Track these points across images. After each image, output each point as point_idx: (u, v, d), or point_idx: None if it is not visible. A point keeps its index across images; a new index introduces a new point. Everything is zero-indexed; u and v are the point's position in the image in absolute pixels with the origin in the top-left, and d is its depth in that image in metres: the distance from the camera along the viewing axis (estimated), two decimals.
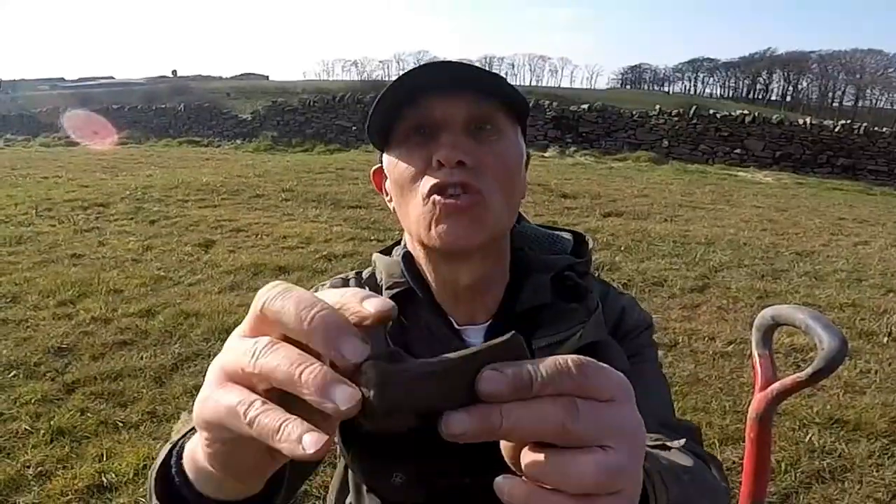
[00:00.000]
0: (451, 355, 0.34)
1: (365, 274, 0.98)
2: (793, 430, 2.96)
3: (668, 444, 0.77)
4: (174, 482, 0.50)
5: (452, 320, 0.88)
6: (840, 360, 1.04)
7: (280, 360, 0.34)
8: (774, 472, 2.64)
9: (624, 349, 0.89)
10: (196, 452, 0.44)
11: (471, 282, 0.85)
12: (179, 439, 0.53)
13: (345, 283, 0.95)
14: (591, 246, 0.97)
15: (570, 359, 0.35)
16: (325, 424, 0.35)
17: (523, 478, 0.36)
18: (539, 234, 0.96)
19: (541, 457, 0.35)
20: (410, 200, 0.79)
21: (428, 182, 0.76)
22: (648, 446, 0.70)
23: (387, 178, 0.86)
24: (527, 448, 0.36)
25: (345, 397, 0.32)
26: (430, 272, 0.87)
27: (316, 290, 0.96)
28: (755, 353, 1.25)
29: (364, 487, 0.92)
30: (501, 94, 0.79)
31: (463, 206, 0.75)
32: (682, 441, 0.78)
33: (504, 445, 0.38)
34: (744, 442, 1.29)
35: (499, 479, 0.36)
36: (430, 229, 0.77)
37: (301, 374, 0.33)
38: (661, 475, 0.53)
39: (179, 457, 0.50)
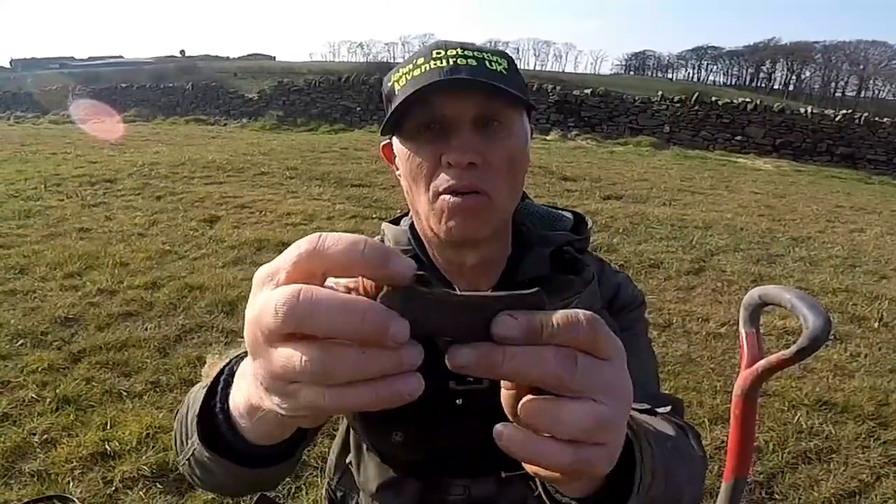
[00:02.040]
0: (476, 293, 0.35)
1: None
2: (781, 411, 2.98)
3: (656, 409, 0.79)
4: (217, 425, 0.53)
5: (456, 287, 0.89)
6: (824, 338, 1.05)
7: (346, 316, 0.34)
8: (762, 452, 2.66)
9: (616, 323, 0.90)
10: (252, 402, 0.44)
11: (476, 263, 0.87)
12: (219, 384, 0.55)
13: None
14: (589, 226, 0.99)
15: (581, 314, 0.37)
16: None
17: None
18: (541, 211, 0.99)
19: (537, 403, 0.37)
20: (421, 193, 0.82)
21: (441, 183, 0.78)
22: (636, 410, 0.74)
23: (396, 155, 0.87)
24: (525, 398, 0.38)
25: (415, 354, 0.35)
26: (434, 250, 0.90)
27: None
28: (742, 330, 1.25)
29: (365, 446, 0.94)
30: (507, 94, 0.79)
31: (471, 205, 0.78)
32: (668, 408, 0.81)
33: (504, 395, 0.41)
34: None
35: (498, 425, 0.39)
36: (439, 223, 0.80)
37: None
38: (647, 438, 0.54)
39: (223, 401, 0.52)
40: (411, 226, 0.93)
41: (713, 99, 15.13)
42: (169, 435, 2.58)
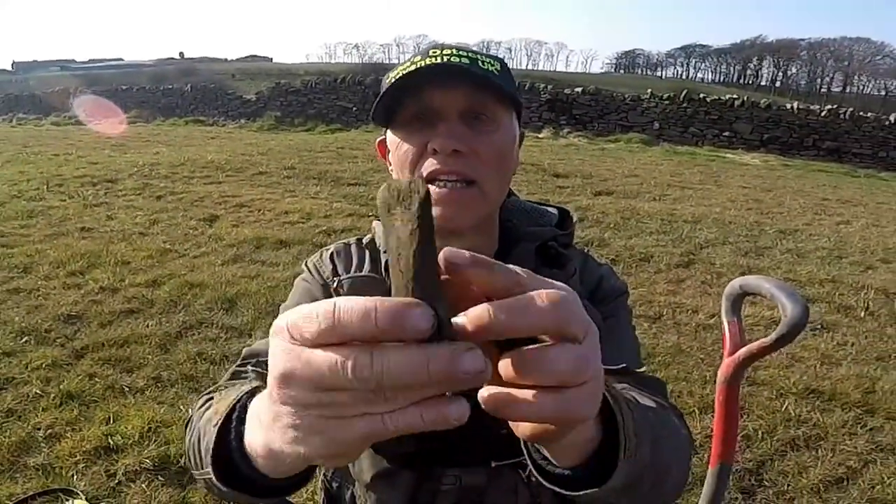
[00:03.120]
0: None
1: (365, 240, 1.01)
2: (770, 399, 2.99)
3: (634, 371, 0.82)
4: (234, 462, 0.52)
5: None
6: (802, 325, 1.06)
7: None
8: (751, 440, 2.68)
9: (600, 312, 0.91)
10: (274, 448, 0.41)
11: None
12: (232, 422, 0.55)
13: (346, 248, 0.99)
14: (574, 220, 1.01)
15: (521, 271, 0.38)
16: None
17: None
18: (527, 207, 0.99)
19: (518, 355, 0.38)
20: None
21: (425, 168, 0.80)
22: (611, 370, 0.76)
23: (389, 150, 0.89)
24: (503, 358, 0.38)
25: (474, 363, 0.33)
26: None
27: (320, 256, 0.97)
28: (724, 320, 1.26)
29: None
30: (494, 88, 0.81)
31: (457, 195, 0.79)
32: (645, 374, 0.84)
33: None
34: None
35: (481, 391, 0.39)
36: None
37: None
38: (627, 405, 0.54)
39: (237, 439, 0.52)
40: None
41: (702, 96, 15.14)
42: (171, 429, 2.59)
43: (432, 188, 0.79)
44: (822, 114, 13.73)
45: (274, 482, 0.50)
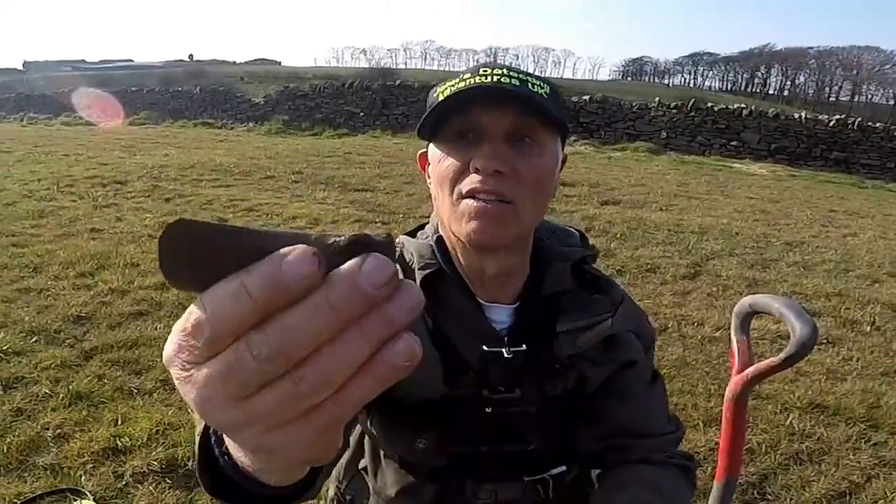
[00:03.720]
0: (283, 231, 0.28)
1: None
2: (774, 413, 2.99)
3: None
4: (220, 466, 0.47)
5: (479, 299, 0.92)
6: (811, 346, 1.07)
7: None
8: (755, 454, 2.68)
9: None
10: (240, 457, 0.39)
11: (497, 271, 0.89)
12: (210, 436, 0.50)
13: None
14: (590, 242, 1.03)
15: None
16: None
17: None
18: (555, 227, 1.01)
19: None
20: (447, 196, 0.84)
21: (464, 185, 0.81)
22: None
23: (430, 164, 0.90)
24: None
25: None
26: (459, 257, 0.91)
27: None
28: (734, 338, 1.27)
29: (382, 453, 0.95)
30: (542, 111, 0.81)
31: (492, 210, 0.80)
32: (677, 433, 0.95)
33: None
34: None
35: None
36: (461, 225, 0.82)
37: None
38: None
39: (219, 444, 0.47)
40: (439, 239, 0.94)
41: (709, 105, 15.13)
42: (178, 431, 2.61)
43: (470, 202, 0.80)
44: (831, 124, 13.71)
45: (276, 491, 0.44)
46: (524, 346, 0.87)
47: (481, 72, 0.82)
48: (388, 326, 0.27)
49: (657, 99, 15.69)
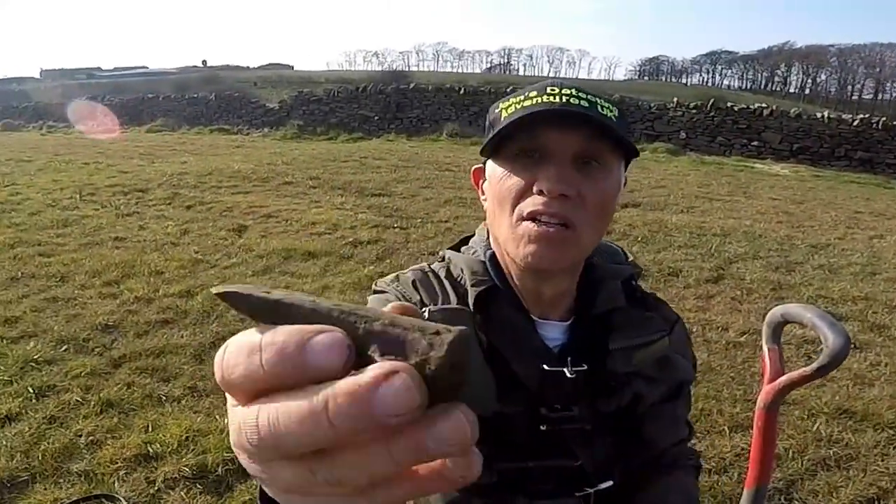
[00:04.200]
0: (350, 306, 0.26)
1: (437, 268, 0.99)
2: (801, 419, 2.98)
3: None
4: None
5: (532, 315, 0.92)
6: (843, 356, 1.09)
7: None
8: (781, 459, 2.67)
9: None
10: None
11: (552, 294, 0.90)
12: None
13: (426, 277, 0.97)
14: (630, 258, 1.05)
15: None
16: None
17: None
18: (602, 245, 0.99)
19: None
20: (505, 215, 0.82)
21: (526, 206, 0.79)
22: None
23: (485, 179, 0.90)
24: None
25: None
26: (513, 276, 0.92)
27: (398, 280, 0.97)
28: (765, 347, 1.29)
29: None
30: (613, 137, 0.81)
31: (553, 235, 0.79)
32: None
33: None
34: (752, 430, 1.34)
35: None
36: (518, 248, 0.81)
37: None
38: None
39: None
40: (492, 256, 0.93)
41: (729, 105, 15.03)
42: (208, 438, 2.66)
43: (530, 225, 0.79)
44: (854, 123, 13.56)
45: None
46: (585, 366, 0.87)
47: (549, 90, 0.81)
48: (418, 453, 0.24)
49: (676, 99, 15.61)
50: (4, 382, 3.08)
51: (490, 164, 0.88)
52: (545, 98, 0.80)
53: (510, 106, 0.83)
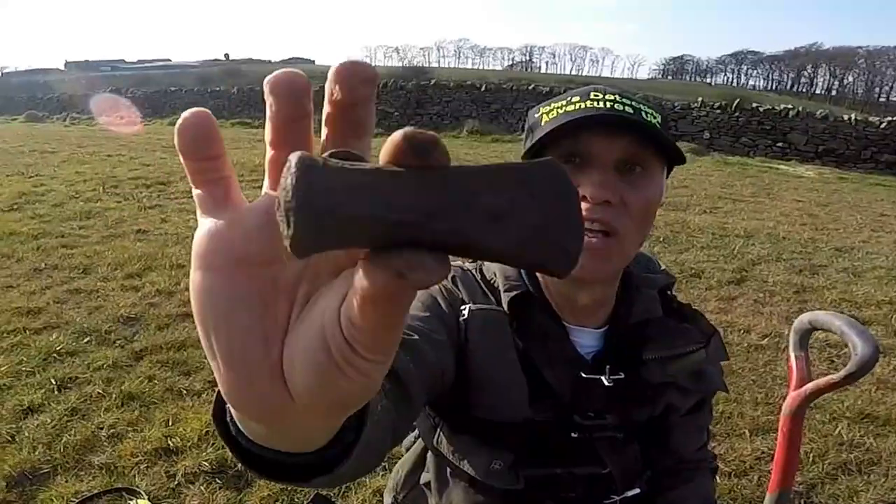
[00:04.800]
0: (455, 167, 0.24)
1: (468, 267, 0.98)
2: (823, 423, 2.96)
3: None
4: (230, 427, 0.40)
5: (565, 322, 0.92)
6: (872, 365, 1.09)
7: None
8: (802, 463, 2.65)
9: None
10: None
11: (588, 302, 0.90)
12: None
13: (465, 274, 0.96)
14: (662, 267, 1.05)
15: None
16: None
17: None
18: (638, 254, 0.98)
19: None
20: None
21: None
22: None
23: None
24: None
25: None
26: (548, 283, 0.92)
27: None
28: (791, 354, 1.29)
29: (449, 470, 0.93)
30: (658, 143, 0.81)
31: (596, 244, 0.78)
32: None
33: None
34: (774, 433, 1.34)
35: None
36: None
37: None
38: None
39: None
40: None
41: (754, 105, 14.90)
42: None
43: None
44: (882, 126, 13.38)
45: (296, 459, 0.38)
46: (622, 375, 0.88)
47: (592, 96, 0.81)
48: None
49: (700, 99, 15.50)
50: (27, 374, 3.12)
51: None
52: (589, 103, 0.80)
53: (552, 111, 0.83)
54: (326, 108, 0.28)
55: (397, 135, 0.23)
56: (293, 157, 0.22)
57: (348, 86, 0.26)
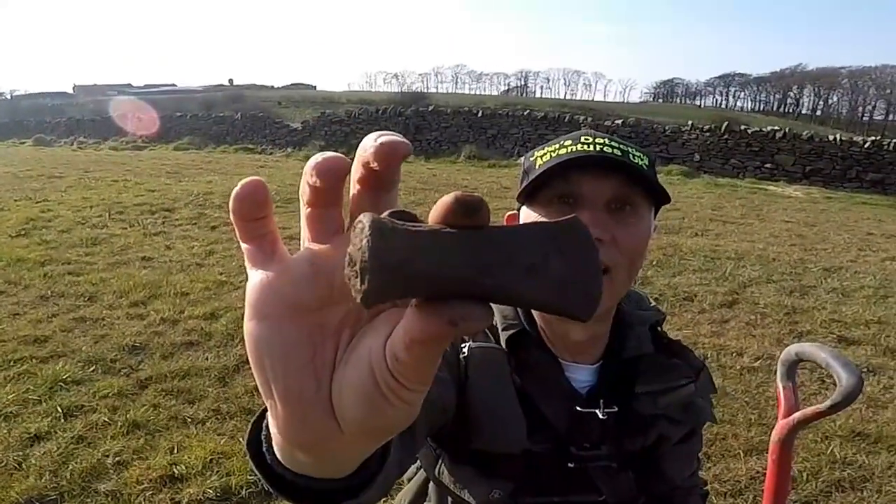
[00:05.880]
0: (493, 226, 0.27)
1: None
2: (815, 442, 2.97)
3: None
4: (266, 456, 0.41)
5: (560, 359, 0.94)
6: (856, 395, 1.10)
7: None
8: (796, 482, 2.66)
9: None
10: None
11: (582, 339, 0.92)
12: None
13: None
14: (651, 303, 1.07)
15: None
16: None
17: None
18: (630, 291, 1.00)
19: None
20: None
21: None
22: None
23: None
24: None
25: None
26: (544, 323, 0.94)
27: None
28: (779, 384, 1.30)
29: (450, 500, 0.96)
30: (646, 183, 0.83)
31: None
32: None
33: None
34: (767, 453, 1.35)
35: None
36: None
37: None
38: None
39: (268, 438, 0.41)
40: None
41: (742, 127, 15.01)
42: (231, 460, 2.67)
43: None
44: (866, 145, 13.48)
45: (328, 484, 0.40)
46: (616, 408, 0.90)
47: (583, 139, 0.84)
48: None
49: (690, 122, 15.62)
50: (34, 402, 3.12)
51: (525, 209, 0.91)
52: (580, 146, 0.83)
53: (546, 154, 0.86)
54: (360, 171, 0.30)
55: (448, 197, 0.26)
56: (366, 220, 0.25)
57: (387, 163, 0.29)
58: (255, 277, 0.32)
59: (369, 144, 0.29)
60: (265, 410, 0.40)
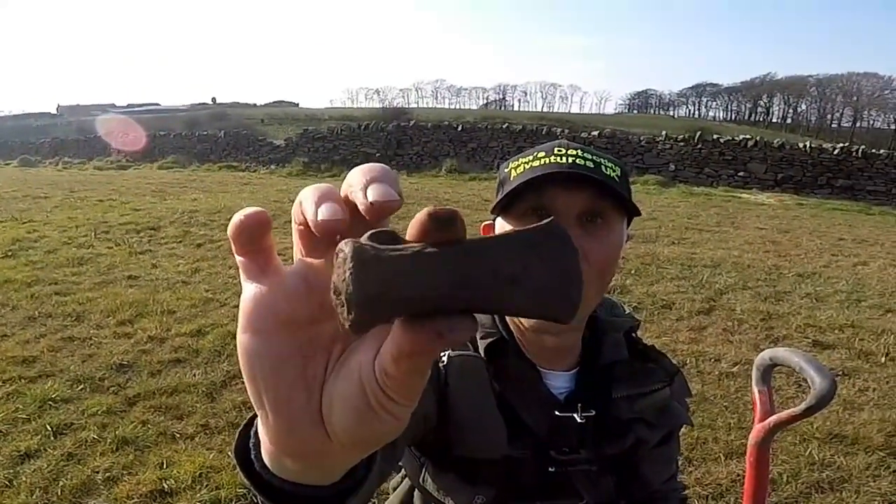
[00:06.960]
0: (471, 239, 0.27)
1: None
2: (794, 444, 3.00)
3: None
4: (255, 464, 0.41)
5: (538, 366, 0.95)
6: (829, 398, 1.12)
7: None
8: (776, 484, 2.68)
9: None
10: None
11: (555, 346, 0.94)
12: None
13: None
14: (627, 311, 1.08)
15: None
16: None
17: None
18: (603, 299, 1.02)
19: None
20: None
21: None
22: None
23: None
24: None
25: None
26: (517, 329, 0.96)
27: None
28: (755, 389, 1.32)
29: None
30: (616, 196, 0.84)
31: None
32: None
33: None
34: (746, 457, 1.37)
35: None
36: None
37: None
38: None
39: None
40: None
41: (715, 137, 15.23)
42: (220, 474, 2.66)
43: None
44: (835, 152, 13.73)
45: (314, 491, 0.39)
46: (593, 412, 0.91)
47: (556, 151, 0.85)
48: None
49: (664, 132, 15.80)
50: (23, 421, 3.08)
51: (500, 220, 0.91)
52: (553, 158, 0.84)
53: (519, 166, 0.87)
54: (348, 206, 0.30)
55: (422, 214, 0.26)
56: (347, 250, 0.26)
57: (378, 218, 0.29)
58: (250, 291, 0.32)
59: (359, 194, 0.29)
60: (252, 418, 0.41)
